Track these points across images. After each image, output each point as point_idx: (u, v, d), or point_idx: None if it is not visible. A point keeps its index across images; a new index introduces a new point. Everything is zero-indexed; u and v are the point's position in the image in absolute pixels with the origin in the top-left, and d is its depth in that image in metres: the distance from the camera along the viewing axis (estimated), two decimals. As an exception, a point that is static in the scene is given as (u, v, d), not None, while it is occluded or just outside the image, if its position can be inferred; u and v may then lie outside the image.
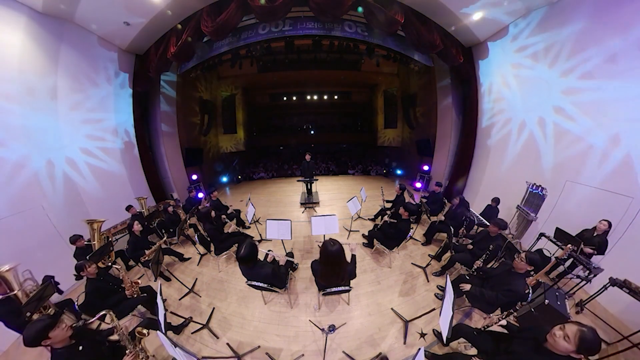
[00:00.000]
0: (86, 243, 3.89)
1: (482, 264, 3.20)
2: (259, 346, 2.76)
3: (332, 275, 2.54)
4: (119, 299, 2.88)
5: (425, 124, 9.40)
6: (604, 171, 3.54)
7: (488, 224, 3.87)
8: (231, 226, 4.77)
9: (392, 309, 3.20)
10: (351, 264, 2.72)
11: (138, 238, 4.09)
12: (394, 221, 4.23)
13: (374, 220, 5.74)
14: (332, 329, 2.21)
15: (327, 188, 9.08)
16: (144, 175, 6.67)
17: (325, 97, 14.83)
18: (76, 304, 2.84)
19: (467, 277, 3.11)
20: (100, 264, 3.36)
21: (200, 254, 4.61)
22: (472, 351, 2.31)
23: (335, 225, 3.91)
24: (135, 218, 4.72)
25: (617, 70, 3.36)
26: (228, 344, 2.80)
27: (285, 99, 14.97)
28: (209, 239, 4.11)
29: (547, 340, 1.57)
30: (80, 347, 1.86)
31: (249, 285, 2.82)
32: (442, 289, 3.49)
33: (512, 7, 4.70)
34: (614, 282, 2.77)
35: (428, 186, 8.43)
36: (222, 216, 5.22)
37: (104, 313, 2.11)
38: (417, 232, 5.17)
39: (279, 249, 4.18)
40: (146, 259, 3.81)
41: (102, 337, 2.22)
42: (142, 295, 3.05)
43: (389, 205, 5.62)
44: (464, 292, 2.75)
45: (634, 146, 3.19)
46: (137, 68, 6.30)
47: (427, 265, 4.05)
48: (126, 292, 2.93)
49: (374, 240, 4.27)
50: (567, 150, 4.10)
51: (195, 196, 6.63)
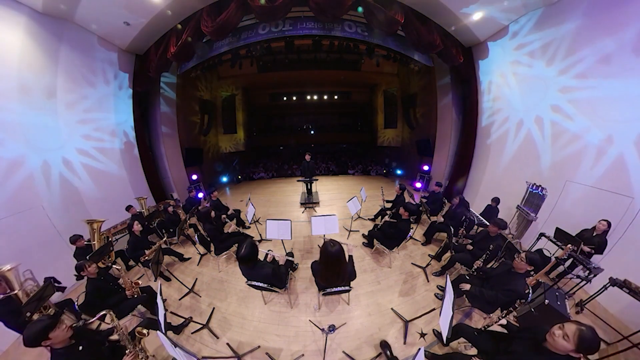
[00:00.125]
0: (86, 243, 3.89)
1: (482, 264, 3.20)
2: (259, 346, 2.77)
3: (332, 275, 2.54)
4: (119, 299, 2.88)
5: (425, 124, 9.40)
6: (604, 171, 3.54)
7: (488, 224, 3.87)
8: (231, 226, 4.78)
9: (392, 309, 3.20)
10: (349, 264, 2.72)
11: (138, 238, 4.09)
12: (393, 221, 4.23)
13: (374, 220, 5.74)
14: (332, 329, 2.22)
15: (327, 188, 9.08)
16: (144, 175, 6.67)
17: (325, 97, 14.83)
18: (76, 304, 2.84)
19: (467, 277, 3.10)
20: (100, 264, 3.36)
21: (200, 254, 4.61)
22: (472, 351, 2.31)
23: (335, 225, 3.91)
24: (135, 218, 4.73)
25: (617, 70, 3.38)
26: (228, 344, 2.80)
27: (285, 99, 14.97)
28: (209, 239, 4.12)
29: (546, 339, 1.58)
30: (80, 347, 1.86)
31: (249, 285, 2.82)
32: (442, 289, 3.49)
33: (512, 7, 4.70)
34: (614, 282, 2.77)
35: (428, 186, 8.43)
36: (222, 216, 5.22)
37: (104, 313, 2.11)
38: (417, 232, 5.17)
39: (279, 249, 4.18)
40: (146, 258, 3.82)
41: (102, 337, 2.22)
42: (142, 295, 3.05)
43: (389, 205, 5.62)
44: (464, 292, 2.75)
45: (634, 146, 3.19)
46: (137, 68, 6.30)
47: (427, 265, 4.05)
48: (126, 292, 2.94)
49: (374, 240, 4.27)
50: (567, 150, 4.10)
51: (195, 196, 6.63)
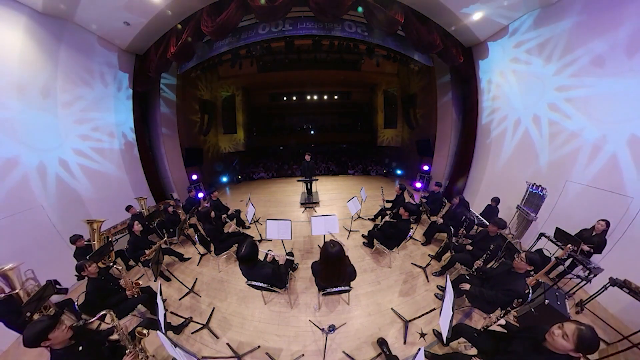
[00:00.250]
0: (86, 243, 3.89)
1: (482, 264, 3.20)
2: (259, 346, 2.77)
3: (332, 276, 2.54)
4: (119, 298, 2.88)
5: (425, 124, 9.40)
6: (604, 171, 3.54)
7: (488, 223, 3.87)
8: (231, 226, 4.78)
9: (392, 309, 3.20)
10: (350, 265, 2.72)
11: (138, 238, 4.09)
12: (394, 221, 4.23)
13: (374, 220, 5.74)
14: (332, 329, 2.22)
15: (327, 188, 9.08)
16: (144, 175, 6.67)
17: (325, 97, 14.83)
18: (76, 304, 2.83)
19: (467, 277, 3.10)
20: (100, 264, 3.36)
21: (200, 254, 4.61)
22: (472, 351, 2.31)
23: (335, 225, 3.91)
24: (135, 218, 4.73)
25: (614, 69, 3.40)
26: (228, 344, 2.80)
27: (285, 99, 14.97)
28: (208, 239, 4.12)
29: (546, 339, 1.58)
30: (80, 348, 1.86)
31: (249, 285, 2.82)
32: (442, 289, 3.49)
33: (512, 7, 4.70)
34: (614, 282, 2.78)
35: (428, 186, 8.43)
36: (223, 216, 5.22)
37: (104, 313, 2.11)
38: (417, 232, 5.17)
39: (279, 249, 4.17)
40: (146, 258, 3.82)
41: (102, 337, 2.22)
42: (142, 295, 3.05)
43: (389, 205, 5.62)
44: (464, 292, 2.75)
45: (634, 146, 3.20)
46: (137, 68, 6.29)
47: (427, 265, 4.05)
48: (127, 292, 2.94)
49: (374, 240, 4.27)
50: (566, 149, 4.10)
51: (195, 196, 6.63)
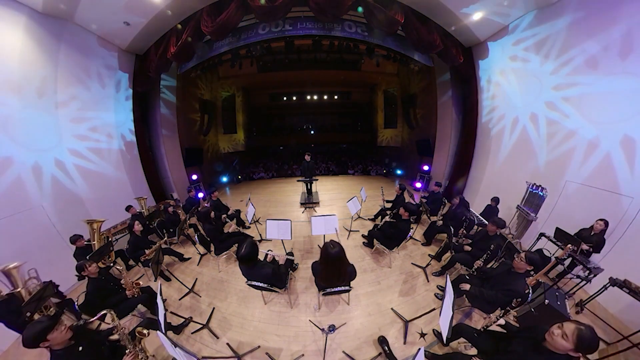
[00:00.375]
0: (86, 243, 3.89)
1: (482, 264, 3.20)
2: (259, 346, 2.77)
3: (332, 276, 2.54)
4: (119, 298, 2.88)
5: (425, 124, 9.39)
6: (604, 171, 3.54)
7: (487, 223, 3.86)
8: (231, 226, 4.78)
9: (392, 309, 3.20)
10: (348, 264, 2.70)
11: (138, 238, 4.09)
12: (393, 221, 4.23)
13: (374, 220, 5.74)
14: (332, 329, 2.21)
15: (327, 188, 9.08)
16: (144, 175, 6.67)
17: (325, 97, 14.83)
18: (76, 304, 2.83)
19: (467, 277, 3.10)
20: (100, 264, 3.36)
21: (200, 254, 4.61)
22: (472, 351, 2.31)
23: (335, 225, 3.90)
24: (136, 218, 4.73)
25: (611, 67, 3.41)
26: (228, 344, 2.80)
27: (285, 99, 14.97)
28: (208, 239, 4.12)
29: (545, 339, 1.58)
30: (80, 348, 1.86)
31: (249, 285, 2.82)
32: (442, 289, 3.49)
33: (512, 7, 4.70)
34: (614, 282, 2.78)
35: (428, 186, 8.43)
36: (223, 216, 5.22)
37: (104, 313, 2.11)
38: (417, 232, 5.17)
39: (279, 249, 4.17)
40: (146, 258, 3.82)
41: (102, 337, 2.22)
42: (142, 295, 3.05)
43: (389, 205, 5.62)
44: (464, 292, 2.75)
45: (635, 145, 3.20)
46: (137, 68, 6.29)
47: (427, 265, 4.05)
48: (127, 292, 2.93)
49: (374, 240, 4.27)
50: (567, 150, 4.10)
51: (195, 196, 6.63)
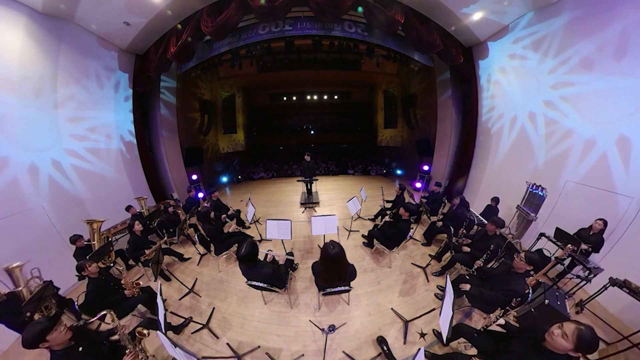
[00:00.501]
0: (86, 243, 3.89)
1: (482, 263, 3.20)
2: (259, 346, 2.77)
3: (332, 276, 2.54)
4: (119, 298, 2.88)
5: (425, 124, 9.39)
6: (604, 171, 3.53)
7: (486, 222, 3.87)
8: (231, 226, 4.78)
9: (392, 309, 3.20)
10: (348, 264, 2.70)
11: (139, 238, 4.09)
12: (391, 221, 4.23)
13: (374, 220, 5.75)
14: (332, 329, 2.22)
15: (327, 188, 9.08)
16: (144, 175, 6.67)
17: (325, 97, 14.84)
18: (76, 304, 2.83)
19: (467, 277, 3.11)
20: (100, 264, 3.36)
21: (200, 254, 4.61)
22: (472, 351, 2.31)
23: (335, 225, 3.91)
24: (136, 218, 4.73)
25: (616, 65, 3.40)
26: (228, 344, 2.80)
27: (285, 99, 14.98)
28: (208, 239, 4.12)
29: (545, 339, 1.58)
30: (80, 348, 1.86)
31: (249, 285, 2.82)
32: (442, 289, 3.49)
33: (512, 7, 4.70)
34: (614, 282, 2.78)
35: (428, 186, 8.43)
36: (223, 216, 5.22)
37: (104, 313, 2.10)
38: (417, 232, 5.17)
39: (279, 249, 4.17)
40: (146, 258, 3.82)
41: (102, 338, 2.21)
42: (142, 295, 3.04)
43: (389, 205, 5.62)
44: (464, 292, 2.75)
45: (635, 145, 3.20)
46: (137, 68, 6.29)
47: (427, 265, 4.05)
48: (126, 292, 2.93)
49: (374, 240, 4.27)
50: (567, 149, 4.10)
51: (195, 196, 6.63)
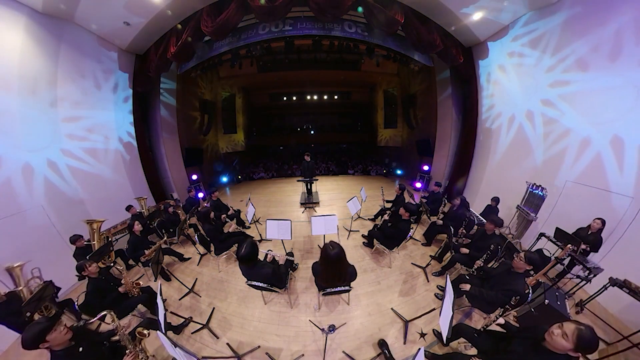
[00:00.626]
0: (86, 243, 3.89)
1: (482, 263, 3.20)
2: (259, 346, 2.77)
3: (332, 277, 2.54)
4: (118, 298, 2.88)
5: (425, 124, 9.39)
6: (604, 171, 3.54)
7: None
8: (231, 226, 4.78)
9: (392, 309, 3.20)
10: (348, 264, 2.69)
11: (138, 238, 4.09)
12: (386, 220, 4.23)
13: (374, 220, 5.74)
14: (332, 329, 2.21)
15: (327, 188, 9.07)
16: (144, 175, 6.67)
17: (325, 97, 14.84)
18: (76, 304, 2.83)
19: (467, 277, 3.11)
20: (100, 264, 3.36)
21: (200, 254, 4.61)
22: (472, 351, 2.31)
23: (335, 225, 3.91)
24: (136, 218, 4.73)
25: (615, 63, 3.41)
26: (228, 344, 2.80)
27: (285, 99, 14.98)
28: (208, 239, 4.12)
29: (545, 339, 1.58)
30: (81, 349, 1.85)
31: (249, 285, 2.82)
32: (442, 289, 3.49)
33: (512, 7, 4.70)
34: (614, 282, 2.78)
35: (428, 186, 8.43)
36: (223, 216, 5.22)
37: (104, 313, 2.10)
38: (417, 232, 5.17)
39: (279, 249, 4.17)
40: (146, 258, 3.82)
41: (103, 338, 2.21)
42: (142, 295, 3.04)
43: (389, 205, 5.62)
44: (464, 292, 2.75)
45: (635, 145, 3.20)
46: (137, 68, 6.29)
47: (427, 265, 4.05)
48: (120, 288, 2.91)
49: (374, 240, 4.27)
50: (567, 149, 4.10)
51: (195, 196, 6.63)
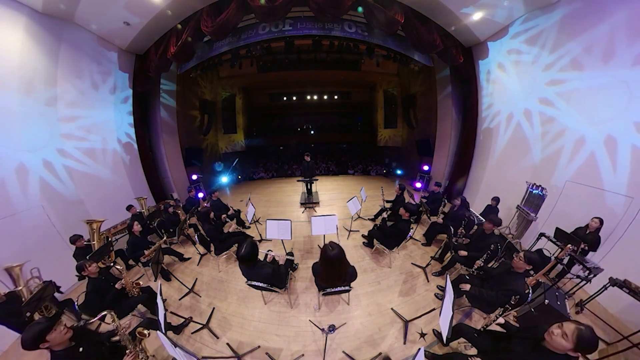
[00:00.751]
0: (86, 243, 3.89)
1: (482, 263, 3.20)
2: (259, 346, 2.77)
3: (333, 277, 2.54)
4: (118, 297, 2.88)
5: (425, 124, 9.37)
6: (603, 171, 3.54)
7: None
8: (231, 226, 4.78)
9: (392, 309, 3.20)
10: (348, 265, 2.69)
11: (138, 238, 4.09)
12: (384, 218, 4.23)
13: (374, 220, 5.74)
14: (332, 329, 2.22)
15: (327, 188, 9.07)
16: (144, 175, 6.67)
17: (325, 97, 14.82)
18: (76, 304, 2.83)
19: (467, 277, 3.11)
20: (100, 264, 3.36)
21: (200, 254, 4.60)
22: (472, 351, 2.31)
23: (335, 225, 3.91)
24: (135, 218, 4.73)
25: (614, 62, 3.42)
26: (228, 344, 2.80)
27: (285, 99, 14.96)
28: (208, 239, 4.12)
29: (545, 339, 1.58)
30: (81, 349, 1.85)
31: (249, 285, 2.82)
32: (442, 289, 3.49)
33: (512, 7, 4.70)
34: (614, 282, 2.78)
35: (428, 186, 8.43)
36: (223, 216, 5.22)
37: (104, 313, 2.10)
38: (417, 232, 5.17)
39: (279, 249, 4.17)
40: (146, 258, 3.81)
41: (103, 338, 2.21)
42: (142, 295, 3.05)
43: (389, 205, 5.62)
44: (464, 292, 2.75)
45: (627, 145, 3.20)
46: (137, 68, 6.29)
47: (427, 265, 4.05)
48: (116, 285, 2.92)
49: (374, 240, 4.27)
50: (567, 149, 4.10)
51: (195, 196, 6.63)
